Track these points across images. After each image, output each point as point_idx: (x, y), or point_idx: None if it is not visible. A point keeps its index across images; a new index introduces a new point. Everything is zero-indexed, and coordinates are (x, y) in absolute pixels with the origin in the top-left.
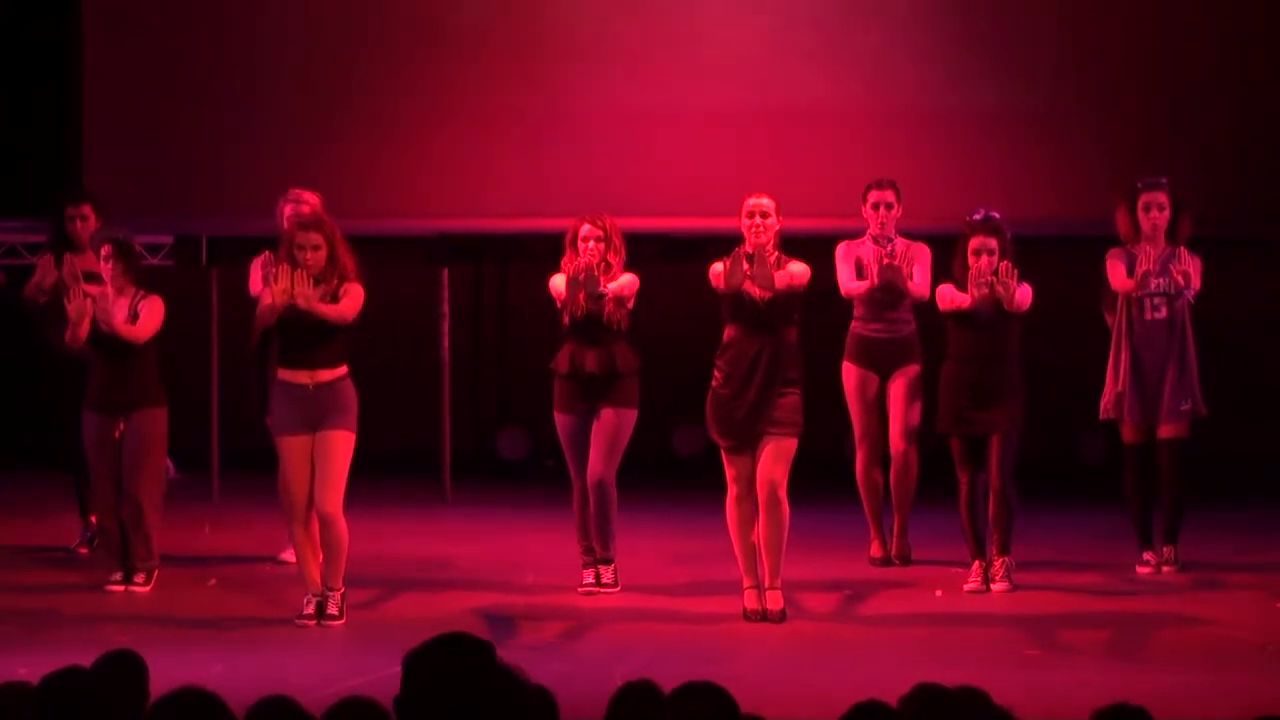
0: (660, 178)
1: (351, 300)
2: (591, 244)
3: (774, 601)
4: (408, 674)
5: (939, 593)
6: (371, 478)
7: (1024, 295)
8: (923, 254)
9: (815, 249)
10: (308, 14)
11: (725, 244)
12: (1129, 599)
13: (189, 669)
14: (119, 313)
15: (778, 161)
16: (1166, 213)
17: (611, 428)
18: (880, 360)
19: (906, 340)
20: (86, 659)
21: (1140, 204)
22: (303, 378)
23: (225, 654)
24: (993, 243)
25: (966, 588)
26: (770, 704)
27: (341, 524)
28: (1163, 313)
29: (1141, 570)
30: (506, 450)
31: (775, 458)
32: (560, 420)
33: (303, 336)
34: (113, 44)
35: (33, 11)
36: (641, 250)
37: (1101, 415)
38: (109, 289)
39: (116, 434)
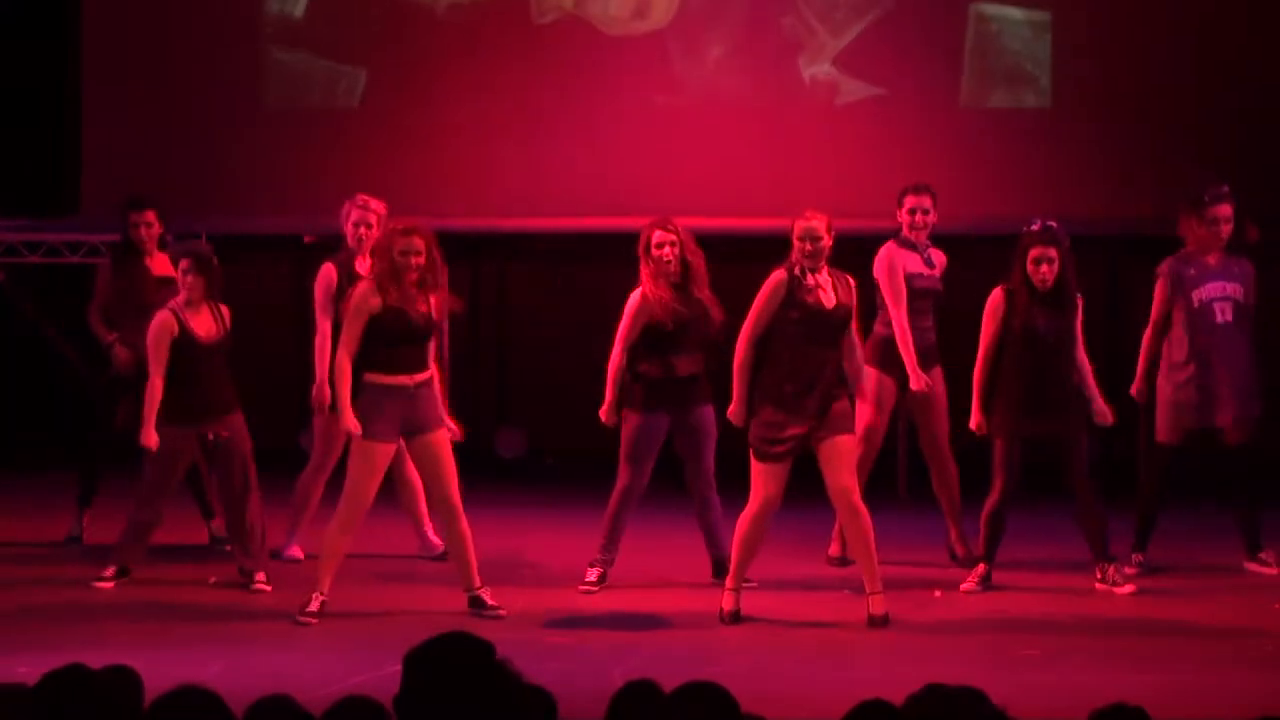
0: (661, 177)
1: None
2: (666, 248)
3: (876, 606)
4: (408, 673)
5: (938, 593)
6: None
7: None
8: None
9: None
10: (306, 12)
11: (726, 243)
12: (1127, 599)
13: (188, 667)
14: (206, 326)
15: (778, 161)
16: (1232, 225)
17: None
18: (902, 367)
19: (932, 348)
20: (87, 658)
21: (1208, 217)
22: (403, 379)
23: (225, 652)
24: (1052, 252)
25: (964, 588)
26: (770, 704)
27: (464, 519)
28: (1229, 316)
29: (1129, 570)
30: (505, 450)
31: (840, 463)
32: (648, 421)
33: (404, 340)
34: (113, 44)
35: (33, 11)
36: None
37: (1163, 438)
38: (182, 298)
39: (209, 439)
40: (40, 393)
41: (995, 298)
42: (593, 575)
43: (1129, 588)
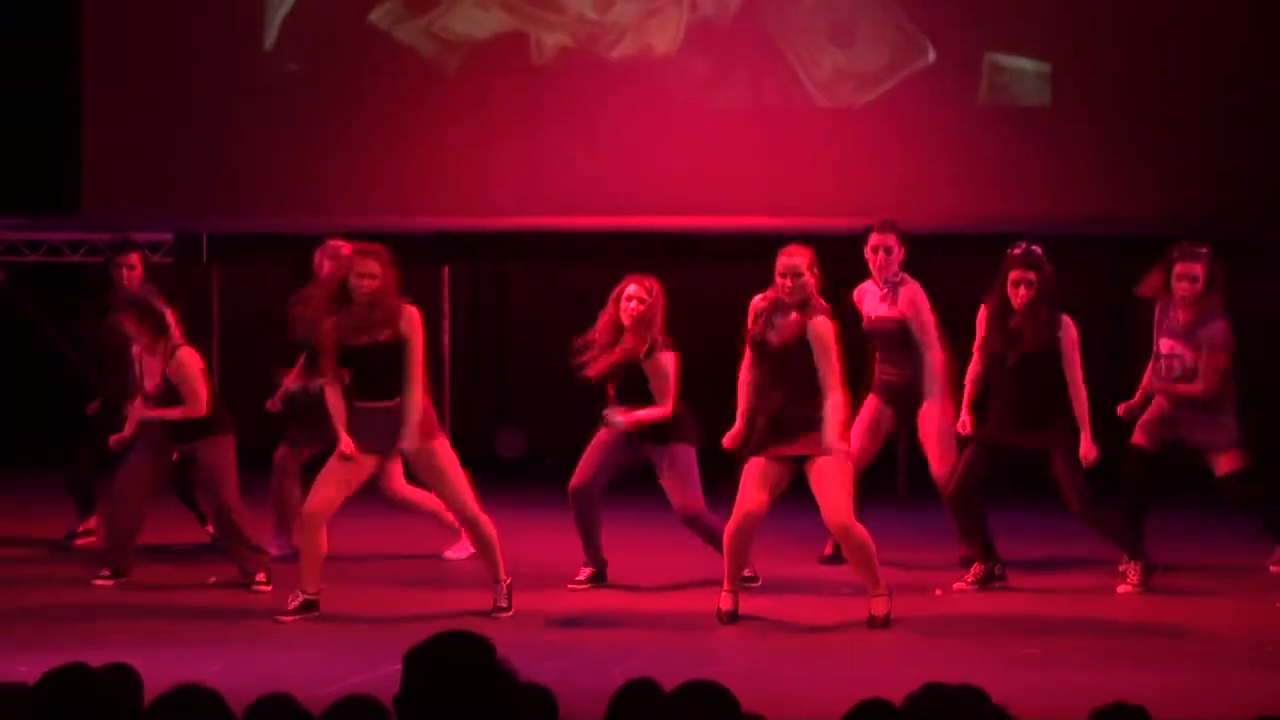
0: (661, 176)
1: (416, 358)
2: (634, 304)
3: (879, 607)
4: (408, 672)
5: (939, 592)
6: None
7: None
8: (919, 300)
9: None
10: (307, 11)
11: (724, 243)
12: (1128, 598)
13: (189, 666)
14: (153, 376)
15: (778, 161)
16: (1199, 285)
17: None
18: (897, 399)
19: (911, 382)
20: (87, 658)
21: (1175, 272)
22: (379, 404)
23: (225, 652)
24: (1031, 275)
25: (956, 586)
26: (770, 704)
27: (484, 520)
28: (1177, 374)
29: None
30: (505, 450)
31: (833, 488)
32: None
33: (371, 370)
34: (113, 44)
35: (33, 11)
36: (639, 248)
37: (1137, 439)
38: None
39: (174, 457)
40: (40, 392)
41: (980, 312)
42: (583, 574)
43: (1128, 587)
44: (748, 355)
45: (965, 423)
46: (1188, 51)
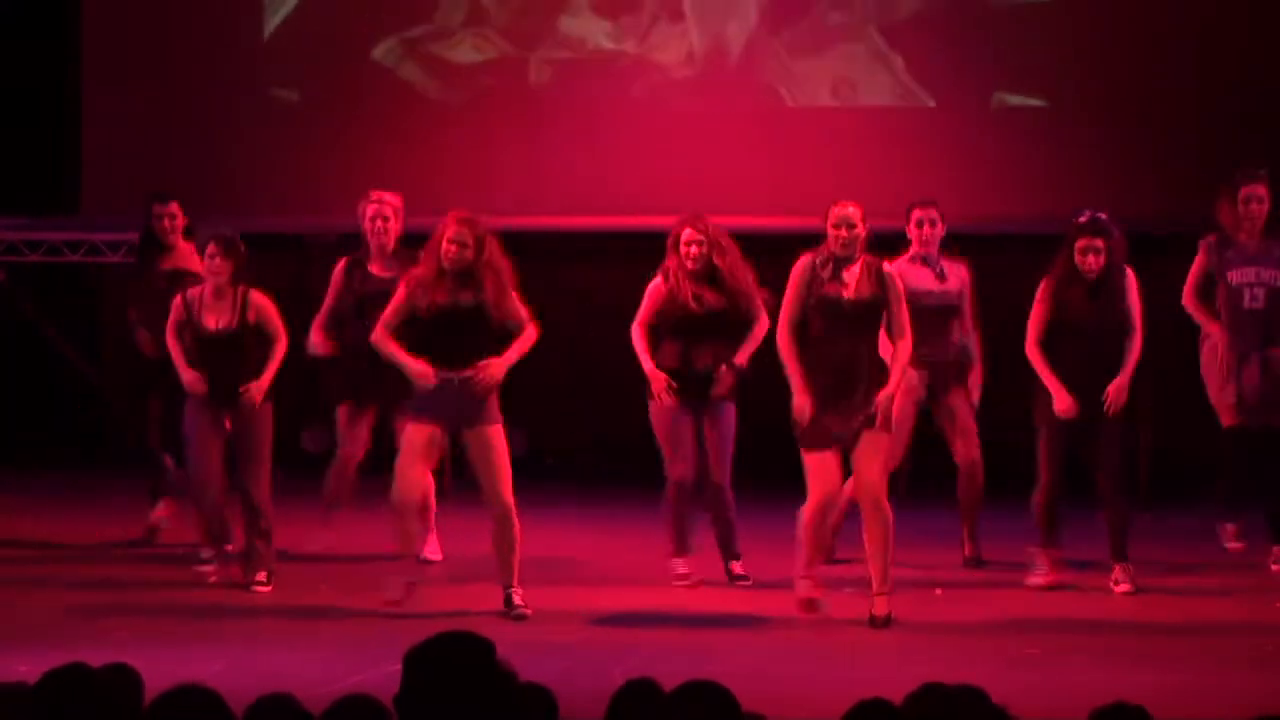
0: (660, 177)
1: (525, 338)
2: (694, 249)
3: (880, 607)
4: (408, 672)
5: (939, 592)
6: (372, 476)
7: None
8: (964, 276)
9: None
10: (307, 10)
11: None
12: (1129, 598)
13: (189, 666)
14: (220, 315)
15: (778, 161)
16: (1266, 205)
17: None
18: (928, 382)
19: (956, 360)
20: (87, 657)
21: (1240, 196)
22: (443, 372)
23: (225, 652)
24: (1099, 242)
25: (1030, 582)
26: (770, 704)
27: (515, 519)
28: (1261, 303)
29: (1234, 547)
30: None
31: (871, 458)
32: (664, 409)
33: (438, 332)
34: (113, 44)
35: (33, 11)
36: (639, 248)
37: (1228, 421)
38: (208, 285)
39: (227, 424)
40: (40, 392)
41: (1040, 292)
42: (684, 568)
43: (1126, 587)
44: (787, 318)
45: (1072, 406)
46: (1188, 55)
